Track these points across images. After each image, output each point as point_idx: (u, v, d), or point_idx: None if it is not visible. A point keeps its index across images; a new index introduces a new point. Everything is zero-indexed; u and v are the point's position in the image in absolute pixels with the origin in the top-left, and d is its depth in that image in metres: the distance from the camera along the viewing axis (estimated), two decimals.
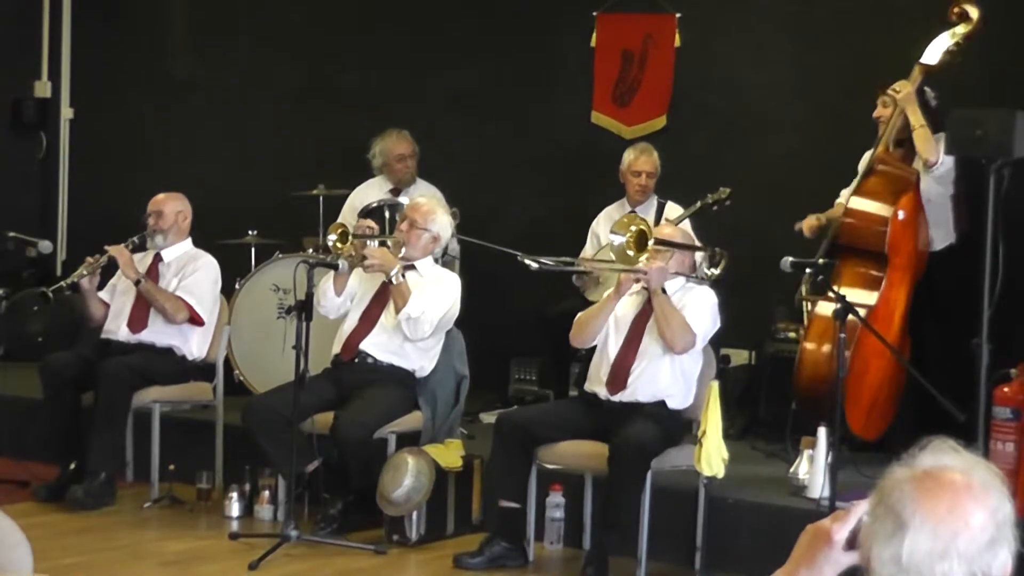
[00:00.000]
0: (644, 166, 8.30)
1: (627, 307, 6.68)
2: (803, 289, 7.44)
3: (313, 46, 10.33)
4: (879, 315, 7.08)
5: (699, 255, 7.08)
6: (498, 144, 9.65)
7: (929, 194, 7.35)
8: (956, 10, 7.33)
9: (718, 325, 6.66)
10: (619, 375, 6.57)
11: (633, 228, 6.57)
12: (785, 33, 8.77)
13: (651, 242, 6.54)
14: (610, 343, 6.65)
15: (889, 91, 7.39)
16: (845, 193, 7.58)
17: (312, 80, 10.29)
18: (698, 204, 8.07)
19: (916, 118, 7.30)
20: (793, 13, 8.76)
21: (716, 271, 6.98)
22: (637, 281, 6.57)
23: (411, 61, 9.89)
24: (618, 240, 6.58)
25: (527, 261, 6.82)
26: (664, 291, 6.52)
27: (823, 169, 8.09)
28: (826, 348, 7.13)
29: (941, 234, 7.44)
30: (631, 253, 6.53)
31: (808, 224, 7.62)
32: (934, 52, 7.35)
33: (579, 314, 6.76)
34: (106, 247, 7.70)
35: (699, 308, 6.56)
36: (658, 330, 6.50)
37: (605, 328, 6.69)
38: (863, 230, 7.30)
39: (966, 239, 7.34)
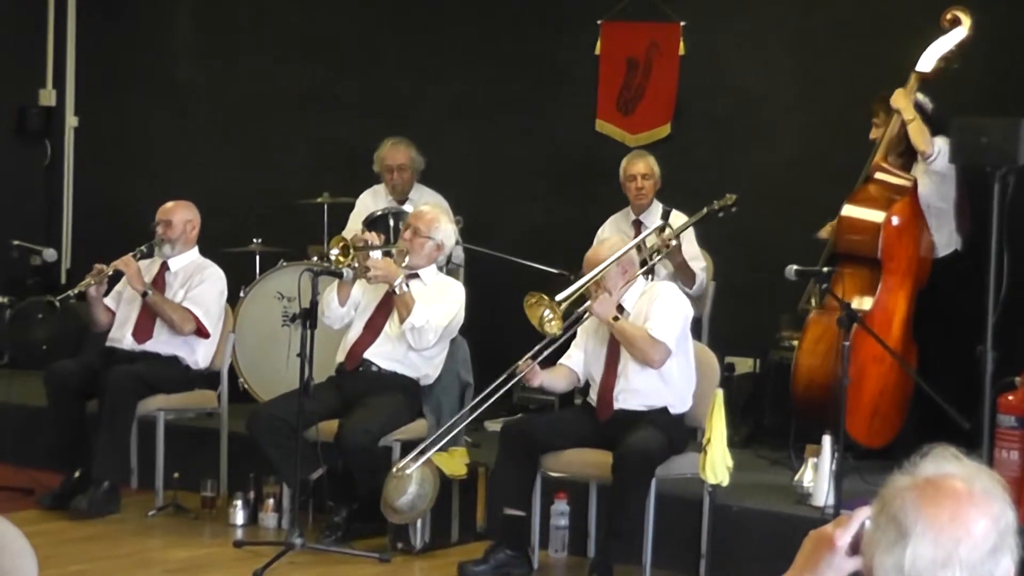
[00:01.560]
0: (638, 168, 8.29)
1: (598, 332, 6.69)
2: (812, 300, 7.44)
3: (317, 53, 10.34)
4: (876, 321, 7.08)
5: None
6: (502, 151, 9.65)
7: (928, 199, 7.36)
8: (949, 16, 7.34)
9: (690, 315, 6.63)
10: (605, 400, 6.60)
11: (541, 307, 6.52)
12: (788, 41, 8.77)
13: (555, 305, 6.49)
14: (594, 371, 6.68)
15: (891, 100, 7.40)
16: None
17: (316, 87, 10.30)
18: (704, 211, 8.07)
19: (909, 113, 7.31)
20: (796, 21, 8.76)
21: (673, 242, 7.05)
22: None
23: (415, 68, 9.90)
24: (549, 317, 6.52)
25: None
26: (619, 314, 6.50)
27: (827, 177, 8.09)
28: (820, 353, 7.14)
29: (944, 240, 7.44)
30: (556, 322, 6.50)
31: (827, 230, 7.63)
32: (928, 59, 7.36)
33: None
34: (114, 264, 7.68)
35: (661, 312, 6.51)
36: (629, 355, 6.50)
37: (585, 356, 6.71)
38: (857, 237, 7.31)
39: (971, 243, 7.34)
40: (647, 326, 6.47)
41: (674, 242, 7.64)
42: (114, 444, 7.46)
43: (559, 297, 6.53)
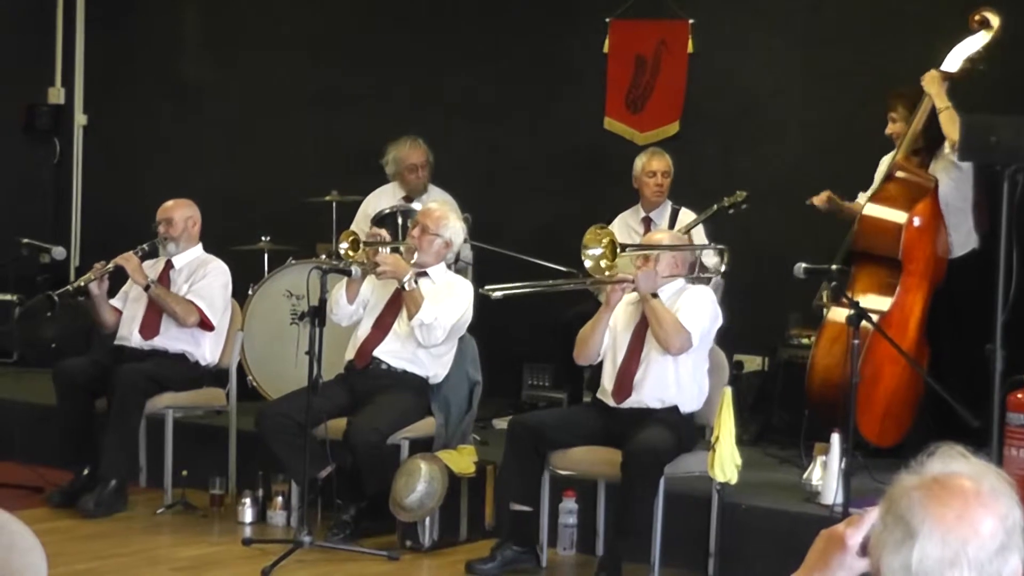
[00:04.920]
0: (658, 166, 8.32)
1: (627, 316, 6.68)
2: (824, 296, 7.42)
3: (325, 51, 10.34)
4: (893, 321, 7.07)
5: (706, 253, 7.08)
6: (511, 149, 9.65)
7: (949, 198, 7.34)
8: (977, 18, 7.30)
9: (719, 321, 6.63)
10: (623, 383, 6.57)
11: (604, 240, 6.56)
12: (797, 39, 8.76)
13: (619, 249, 6.53)
14: (614, 353, 6.65)
15: (922, 82, 7.33)
16: (863, 195, 7.58)
17: (324, 85, 10.30)
18: (714, 207, 8.06)
19: (943, 101, 7.26)
20: (805, 19, 8.76)
21: (721, 268, 6.98)
22: (631, 290, 6.56)
23: (424, 66, 9.90)
24: (595, 252, 6.55)
25: (487, 291, 6.80)
26: (656, 295, 6.50)
27: (835, 175, 8.07)
28: (836, 354, 7.12)
29: (961, 240, 7.42)
30: (605, 263, 6.54)
31: (821, 197, 7.58)
32: (955, 59, 7.33)
33: (580, 331, 6.75)
34: (115, 260, 7.70)
35: (693, 306, 6.54)
36: (652, 333, 6.49)
37: (609, 338, 6.68)
38: (877, 236, 7.29)
39: (989, 242, 7.31)
40: (677, 314, 6.50)
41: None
42: (122, 442, 7.47)
43: (620, 249, 6.55)
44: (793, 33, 8.78)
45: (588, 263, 6.64)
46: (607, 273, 6.60)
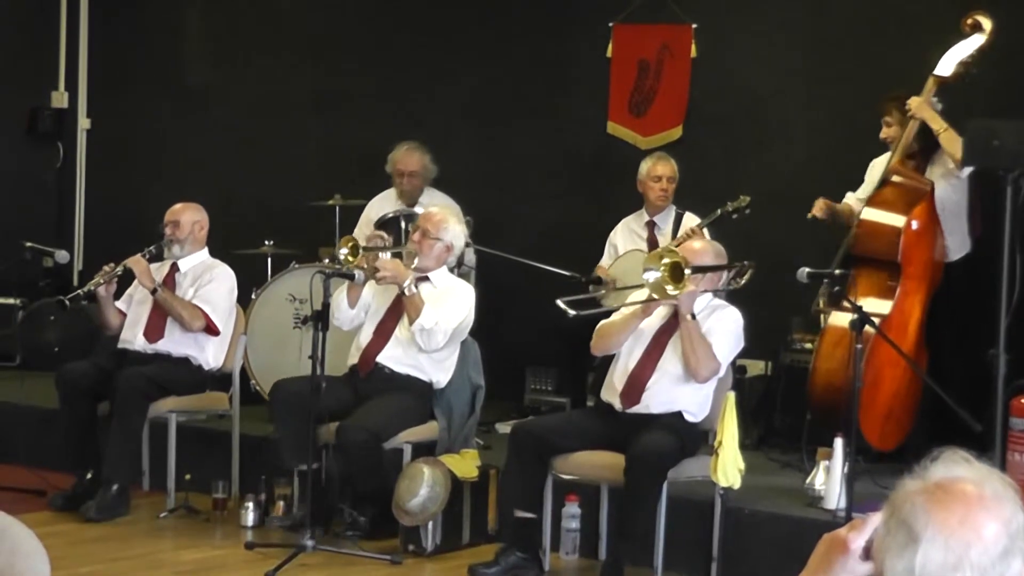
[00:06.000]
0: (664, 170, 8.32)
1: (651, 319, 6.65)
2: (820, 301, 7.43)
3: (328, 55, 10.35)
4: (893, 324, 7.07)
5: None
6: (514, 153, 9.65)
7: (945, 203, 7.34)
8: (970, 21, 7.31)
9: (741, 346, 6.61)
10: (634, 389, 6.54)
11: (666, 260, 6.39)
12: (800, 43, 8.76)
13: (688, 271, 6.38)
14: (630, 353, 6.62)
15: (906, 106, 7.36)
16: (850, 195, 7.60)
17: (328, 89, 10.31)
18: (718, 212, 8.06)
19: (938, 123, 7.27)
20: (808, 23, 8.76)
21: (741, 281, 6.95)
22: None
23: (427, 70, 9.90)
24: (653, 276, 6.39)
25: (563, 306, 6.76)
26: (693, 316, 6.45)
27: (838, 179, 8.07)
28: (838, 358, 7.12)
29: (957, 244, 7.43)
30: (670, 287, 6.35)
31: (819, 206, 7.57)
32: (948, 63, 7.33)
33: (602, 323, 6.73)
34: (124, 263, 7.70)
35: (724, 334, 6.50)
36: (684, 356, 6.44)
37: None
38: (876, 240, 7.29)
39: (981, 246, 7.32)
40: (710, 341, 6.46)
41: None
42: (125, 446, 7.47)
43: (690, 271, 6.39)
44: (795, 36, 8.79)
45: (649, 290, 6.44)
46: (671, 293, 6.43)
